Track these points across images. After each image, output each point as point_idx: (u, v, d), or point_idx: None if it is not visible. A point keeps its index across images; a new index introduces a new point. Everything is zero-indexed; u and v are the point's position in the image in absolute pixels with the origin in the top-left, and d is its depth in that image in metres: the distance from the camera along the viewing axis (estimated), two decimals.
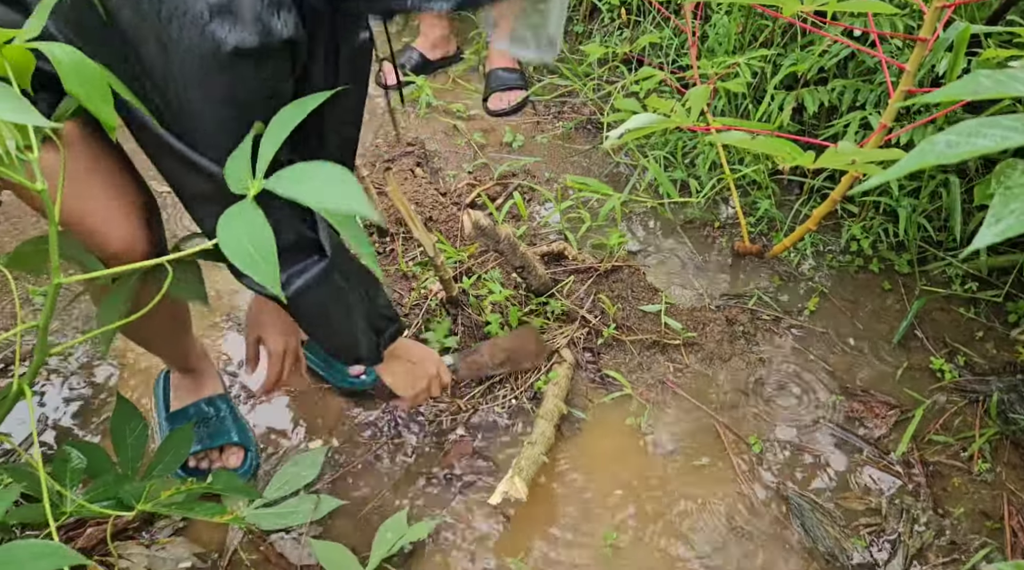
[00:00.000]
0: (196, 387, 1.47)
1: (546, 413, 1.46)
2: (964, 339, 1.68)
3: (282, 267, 0.95)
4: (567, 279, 1.73)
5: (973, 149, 0.54)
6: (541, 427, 1.43)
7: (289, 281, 0.98)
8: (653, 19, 2.26)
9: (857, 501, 1.42)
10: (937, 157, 0.54)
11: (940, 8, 1.19)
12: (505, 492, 1.29)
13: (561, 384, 1.53)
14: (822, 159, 1.20)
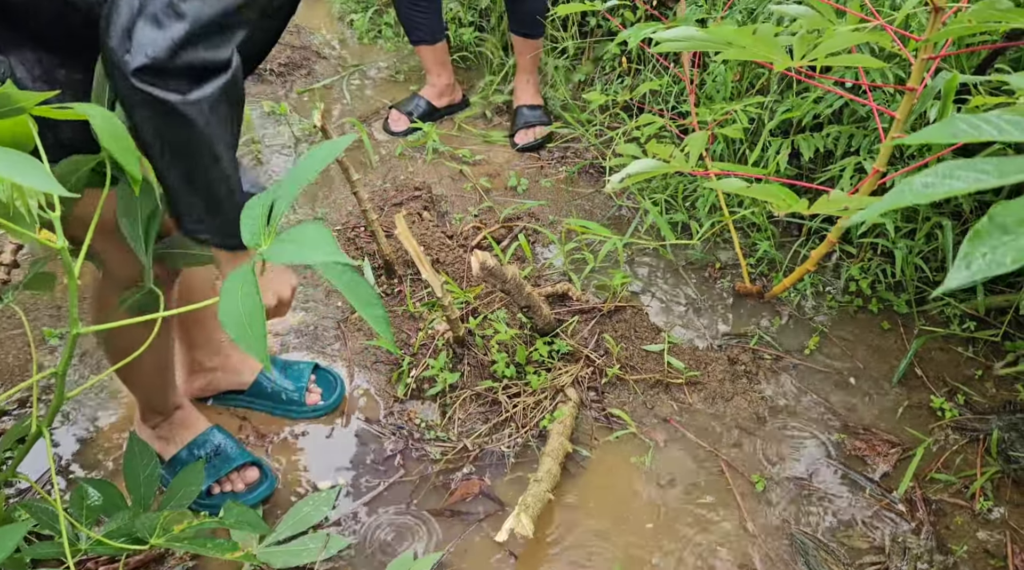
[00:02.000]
0: (185, 427, 1.49)
1: (551, 451, 1.48)
2: (963, 378, 1.70)
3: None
4: (571, 319, 1.76)
5: (948, 190, 0.57)
6: (547, 465, 1.45)
7: (191, 86, 0.85)
8: (653, 67, 2.34)
9: (861, 539, 1.42)
10: (913, 197, 0.58)
11: (926, 60, 1.24)
12: (511, 529, 1.30)
13: (566, 423, 1.55)
14: (816, 206, 1.24)
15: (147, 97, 0.82)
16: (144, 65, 0.80)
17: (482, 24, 2.81)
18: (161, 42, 0.81)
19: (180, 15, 0.81)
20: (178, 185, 0.94)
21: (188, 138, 0.87)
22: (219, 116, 0.88)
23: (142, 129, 0.87)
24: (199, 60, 0.84)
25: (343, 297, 1.87)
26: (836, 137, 1.83)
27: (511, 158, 2.36)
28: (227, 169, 0.94)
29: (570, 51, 2.54)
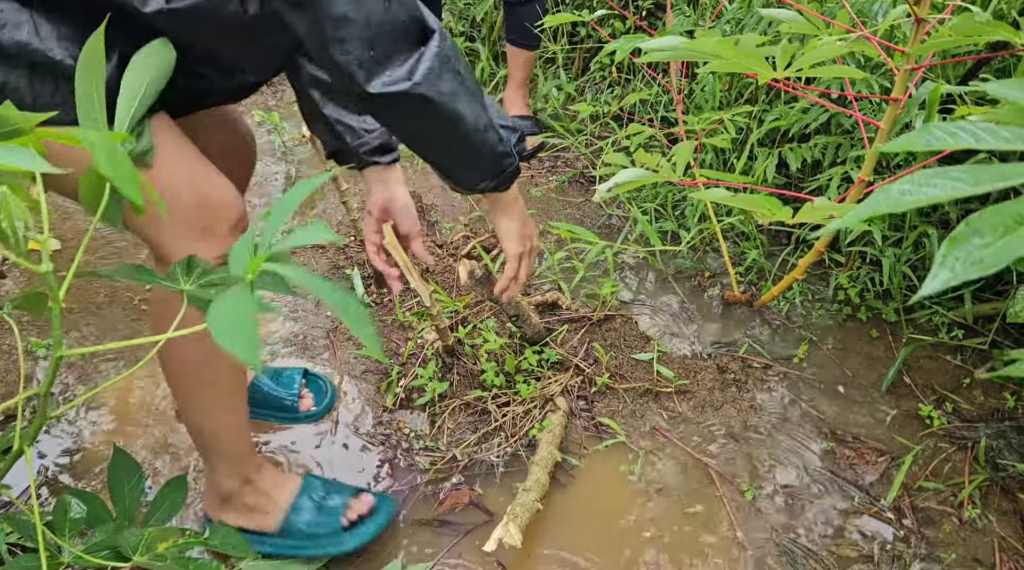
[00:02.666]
0: (279, 485, 1.34)
1: (540, 460, 1.48)
2: (952, 386, 1.70)
3: (401, 55, 0.92)
4: (561, 328, 1.76)
5: (924, 197, 0.58)
6: (535, 474, 1.44)
7: (412, 70, 0.92)
8: (642, 77, 2.35)
9: (850, 548, 1.42)
10: (890, 205, 0.58)
11: (910, 70, 1.25)
12: (500, 538, 1.30)
13: (555, 432, 1.55)
14: (800, 214, 1.25)
15: (391, 95, 0.91)
16: (379, 93, 0.92)
17: (473, 34, 2.82)
18: (397, 74, 0.92)
19: (387, 50, 0.91)
20: (443, 158, 1.05)
21: (433, 113, 0.95)
22: (446, 77, 0.94)
23: (395, 127, 0.99)
24: (405, 53, 0.93)
25: None
26: (823, 147, 1.84)
27: None
28: (475, 121, 1.00)
29: (560, 61, 2.55)
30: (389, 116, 0.98)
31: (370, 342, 0.72)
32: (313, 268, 1.98)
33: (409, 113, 0.95)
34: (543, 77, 2.53)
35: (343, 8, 0.88)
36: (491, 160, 1.07)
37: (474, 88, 1.00)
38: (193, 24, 0.95)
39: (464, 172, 1.09)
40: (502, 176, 1.11)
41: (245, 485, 1.31)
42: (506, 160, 1.10)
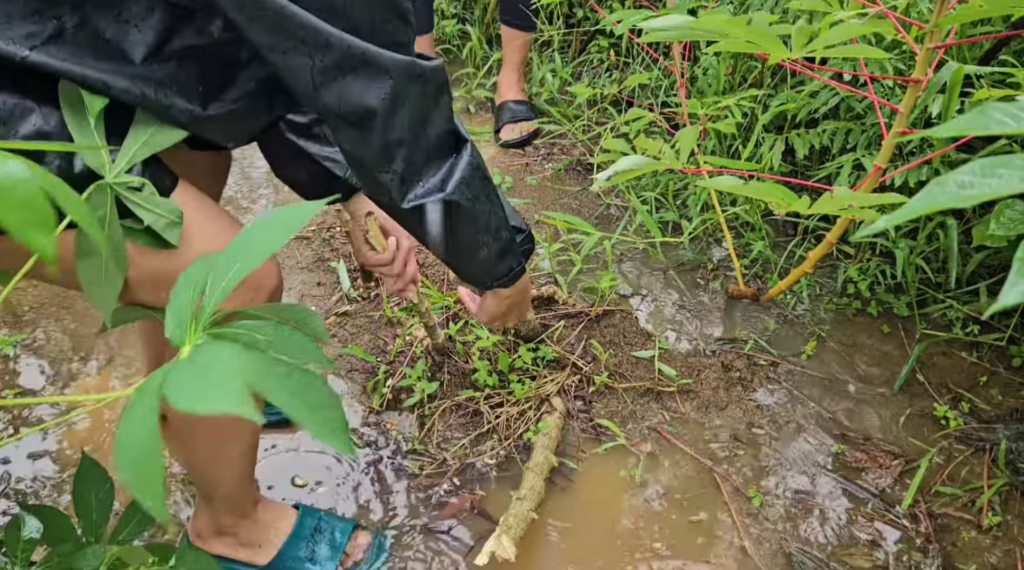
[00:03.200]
0: (275, 519, 1.28)
1: (535, 466, 1.39)
2: (968, 384, 1.62)
3: (435, 166, 0.92)
4: (557, 324, 1.67)
5: (988, 190, 0.49)
6: (530, 481, 1.36)
7: (445, 181, 0.92)
8: (642, 60, 2.25)
9: (863, 558, 1.35)
10: (949, 199, 0.50)
11: (932, 49, 1.16)
12: (492, 552, 1.22)
13: (551, 435, 1.47)
14: (818, 205, 1.16)
15: (424, 206, 0.92)
16: (412, 206, 0.92)
17: (465, 16, 2.72)
18: (430, 185, 0.93)
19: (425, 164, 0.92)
20: (460, 259, 1.06)
21: (458, 217, 0.95)
22: (475, 185, 0.96)
23: (419, 232, 0.98)
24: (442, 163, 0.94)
25: (316, 302, 1.78)
26: (832, 133, 1.75)
27: (495, 155, 2.27)
28: (490, 223, 1.02)
29: (556, 44, 2.45)
30: (415, 221, 0.97)
31: (335, 435, 0.58)
32: (297, 260, 1.89)
33: (435, 219, 0.95)
34: (538, 61, 2.42)
35: (399, 134, 0.86)
36: (498, 259, 1.09)
37: (495, 190, 1.02)
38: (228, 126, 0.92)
39: (473, 270, 1.10)
40: (507, 278, 1.14)
41: (242, 519, 1.24)
42: (512, 260, 1.12)
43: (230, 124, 0.90)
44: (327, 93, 0.81)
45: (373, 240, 1.23)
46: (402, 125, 0.85)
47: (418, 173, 0.91)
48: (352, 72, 0.80)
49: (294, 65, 0.79)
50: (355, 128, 0.84)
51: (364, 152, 0.87)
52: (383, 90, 0.82)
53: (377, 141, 0.85)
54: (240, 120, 0.91)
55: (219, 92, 0.86)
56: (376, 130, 0.84)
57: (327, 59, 0.79)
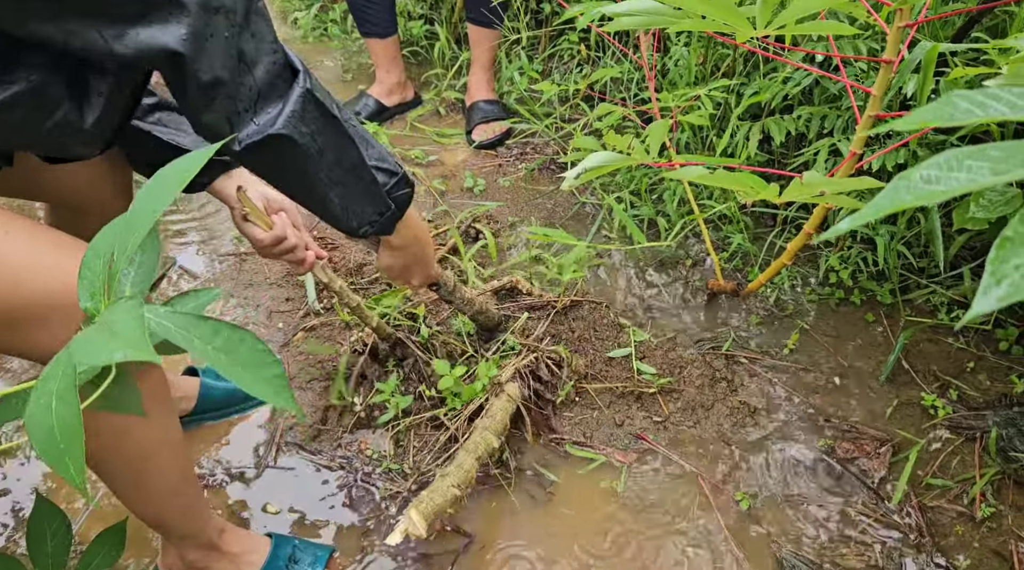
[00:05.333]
0: (246, 551, 1.23)
1: (469, 445, 1.32)
2: (955, 371, 1.59)
3: (270, 103, 0.86)
4: (520, 315, 1.61)
5: (955, 186, 0.45)
6: (460, 459, 1.29)
7: (278, 115, 0.86)
8: (613, 54, 2.21)
9: (856, 558, 1.31)
10: (914, 197, 0.45)
11: (903, 28, 1.12)
12: (405, 529, 1.16)
13: (496, 417, 1.38)
14: (788, 192, 1.12)
15: (254, 144, 0.86)
16: (245, 146, 0.87)
17: (432, 17, 2.66)
18: (264, 122, 0.87)
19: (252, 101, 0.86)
20: (314, 201, 0.97)
21: (295, 154, 0.89)
22: (309, 118, 0.89)
23: (265, 174, 0.93)
24: (269, 99, 0.87)
25: (284, 318, 1.73)
26: (808, 119, 1.71)
27: (467, 157, 2.22)
28: (342, 159, 0.95)
29: (524, 41, 2.40)
30: (257, 164, 0.91)
31: (278, 392, 0.57)
32: (266, 275, 1.84)
33: (273, 158, 0.89)
34: (507, 59, 2.37)
35: (215, 73, 0.80)
36: (363, 201, 1.01)
37: (342, 127, 0.94)
38: None
39: (335, 213, 1.00)
40: (379, 222, 1.04)
41: (210, 552, 1.19)
42: (379, 202, 1.03)
43: (34, 114, 0.84)
44: (122, 48, 0.75)
45: (254, 218, 1.16)
46: (214, 63, 0.79)
47: (249, 110, 0.85)
48: (141, 19, 0.75)
49: (83, 38, 0.75)
50: (167, 73, 0.80)
51: (184, 96, 0.82)
52: (181, 29, 0.76)
53: (192, 84, 0.79)
54: (42, 107, 0.84)
55: (4, 75, 0.80)
56: (188, 73, 0.78)
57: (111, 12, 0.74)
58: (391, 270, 1.20)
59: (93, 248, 0.56)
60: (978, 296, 0.38)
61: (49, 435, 0.44)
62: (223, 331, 0.57)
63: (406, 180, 1.05)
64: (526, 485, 1.41)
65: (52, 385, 0.46)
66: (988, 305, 0.38)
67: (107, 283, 0.52)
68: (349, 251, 1.87)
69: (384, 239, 1.12)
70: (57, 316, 0.82)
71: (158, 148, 1.11)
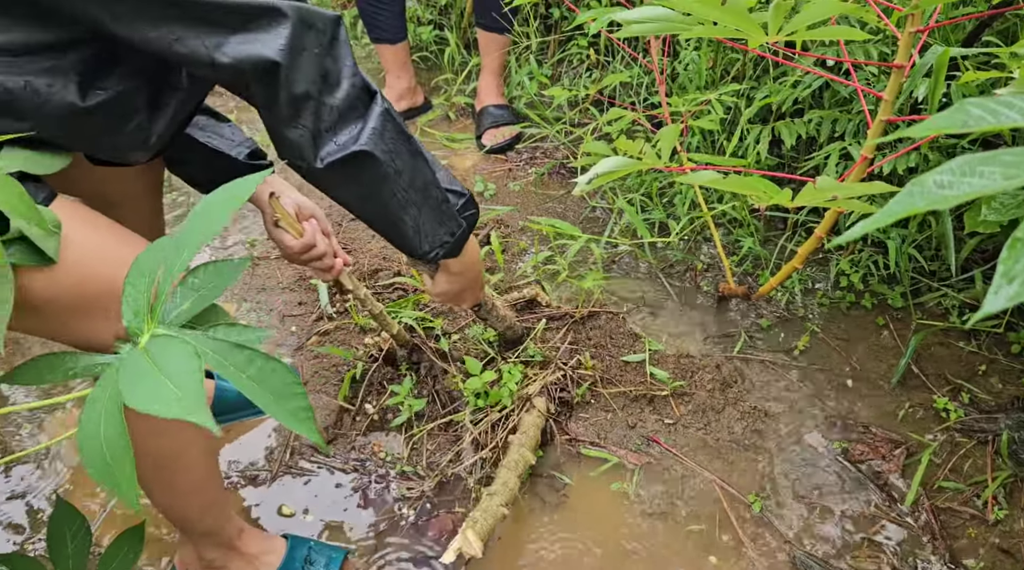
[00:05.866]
0: (263, 551, 1.25)
1: (510, 463, 1.34)
2: (967, 374, 1.59)
3: (349, 123, 0.90)
4: (539, 325, 1.63)
5: (969, 191, 0.45)
6: (503, 477, 1.31)
7: (359, 136, 0.89)
8: (622, 59, 2.22)
9: (869, 560, 1.31)
10: (928, 202, 0.46)
11: (915, 33, 1.12)
12: (458, 549, 1.17)
13: (529, 433, 1.41)
14: (801, 197, 1.12)
15: (337, 162, 0.88)
16: (328, 164, 0.90)
17: (441, 22, 2.68)
18: (344, 141, 0.90)
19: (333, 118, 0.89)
20: (387, 221, 0.99)
21: (375, 171, 0.92)
22: (388, 136, 0.92)
23: (342, 194, 0.96)
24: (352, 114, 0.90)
25: (297, 322, 1.74)
26: (818, 122, 1.72)
27: (477, 162, 2.23)
28: (415, 177, 0.97)
29: (533, 46, 2.41)
30: (337, 183, 0.93)
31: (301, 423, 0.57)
32: (279, 280, 1.85)
33: (353, 175, 0.92)
34: (516, 64, 2.39)
35: (304, 86, 0.84)
36: (434, 222, 1.03)
37: (417, 146, 0.97)
38: None
39: (407, 235, 1.03)
40: (450, 244, 1.06)
41: (228, 552, 1.20)
42: (450, 223, 1.05)
43: (113, 121, 0.87)
44: (223, 57, 0.79)
45: (285, 225, 1.17)
46: (305, 77, 0.83)
47: (331, 130, 0.88)
48: (243, 28, 0.79)
49: (187, 46, 0.78)
50: (261, 84, 0.83)
51: (272, 109, 0.85)
52: (280, 40, 0.81)
53: (284, 95, 0.83)
54: (122, 115, 0.88)
55: (98, 82, 0.84)
56: (281, 83, 0.82)
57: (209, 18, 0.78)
58: (446, 295, 1.21)
59: (137, 265, 0.58)
60: (989, 295, 0.39)
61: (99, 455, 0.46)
62: (257, 361, 0.57)
63: (472, 201, 1.08)
64: (540, 486, 1.42)
65: (100, 407, 0.47)
66: (999, 304, 0.39)
67: (151, 303, 0.54)
68: (364, 256, 1.88)
69: (444, 264, 1.13)
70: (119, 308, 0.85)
71: (191, 146, 1.15)
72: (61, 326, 0.86)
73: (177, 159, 1.20)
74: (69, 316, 0.84)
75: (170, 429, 0.99)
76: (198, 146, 1.15)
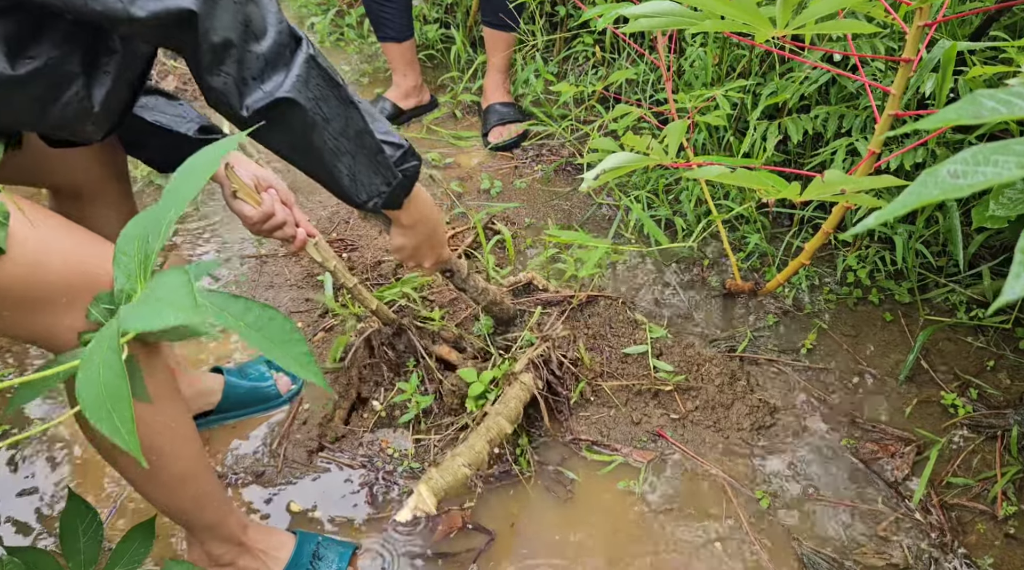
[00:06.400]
0: (271, 547, 1.25)
1: (482, 429, 1.33)
2: (975, 370, 1.58)
3: (276, 71, 0.89)
4: (535, 310, 1.62)
5: (982, 180, 0.46)
6: (471, 440, 1.30)
7: (284, 80, 0.89)
8: (628, 55, 2.22)
9: (877, 556, 1.31)
10: (941, 191, 0.46)
11: (922, 27, 1.12)
12: (415, 506, 1.17)
13: (510, 404, 1.39)
14: (809, 191, 1.12)
15: (262, 109, 0.89)
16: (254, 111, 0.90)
17: (448, 20, 2.68)
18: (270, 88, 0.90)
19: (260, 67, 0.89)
20: (322, 170, 0.99)
21: (302, 119, 0.92)
22: (313, 83, 0.92)
23: (274, 144, 0.95)
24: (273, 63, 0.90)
25: (303, 318, 1.75)
26: (825, 118, 1.71)
27: (483, 160, 2.23)
28: (347, 126, 0.97)
29: (540, 44, 2.41)
30: (266, 132, 0.93)
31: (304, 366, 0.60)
32: (286, 277, 1.86)
33: (280, 123, 0.92)
34: (522, 62, 2.39)
35: (224, 34, 0.84)
36: (369, 171, 1.02)
37: (348, 95, 0.97)
38: None
39: (343, 184, 1.02)
40: (387, 193, 1.05)
41: (235, 547, 1.21)
42: (386, 173, 1.04)
43: (49, 90, 0.87)
44: (138, 10, 0.79)
45: (243, 195, 1.18)
46: (224, 24, 0.84)
47: (257, 78, 0.88)
48: None
49: (101, 2, 0.78)
50: (180, 34, 0.83)
51: (195, 56, 0.85)
52: None
53: (204, 43, 0.84)
54: (58, 84, 0.88)
55: (26, 51, 0.84)
56: (200, 32, 0.83)
57: None
58: (403, 251, 1.21)
59: (126, 233, 0.59)
60: (1008, 282, 0.39)
61: (98, 400, 0.47)
62: (254, 309, 0.60)
63: (412, 152, 1.06)
64: (546, 483, 1.42)
65: (99, 353, 0.48)
66: (1018, 291, 0.39)
67: (143, 265, 0.55)
68: (367, 250, 1.88)
69: (395, 218, 1.14)
70: (74, 301, 0.87)
71: (142, 127, 1.17)
72: (18, 320, 0.87)
73: (132, 142, 1.23)
74: (22, 310, 0.86)
75: (145, 416, 1.00)
76: (148, 126, 1.17)
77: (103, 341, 0.49)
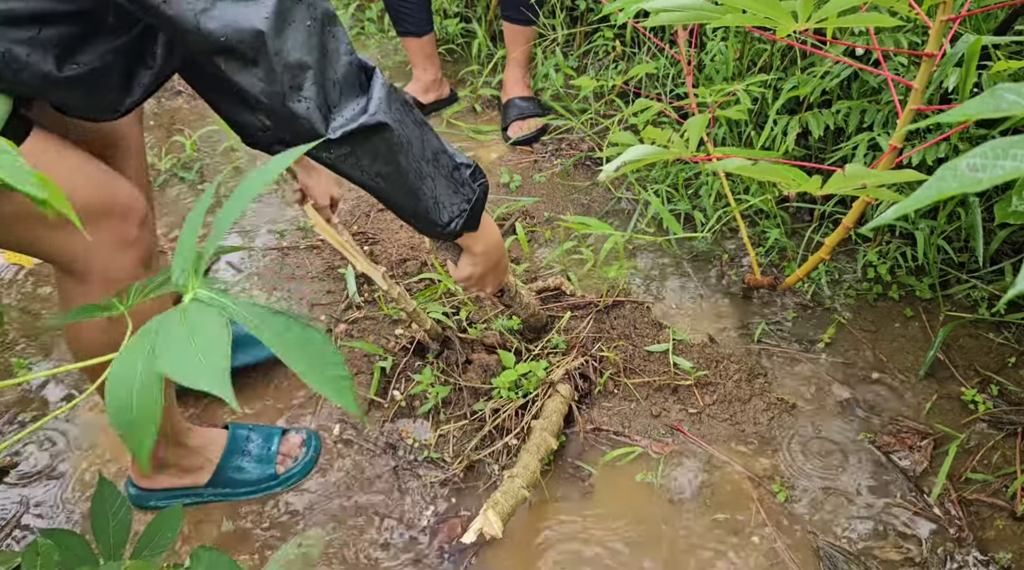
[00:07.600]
0: (208, 441, 1.39)
1: (531, 447, 1.35)
2: (996, 366, 1.58)
3: (351, 99, 0.91)
4: (564, 315, 1.64)
5: (1002, 174, 0.46)
6: (524, 460, 1.32)
7: (367, 107, 0.91)
8: (648, 50, 2.22)
9: (894, 550, 1.31)
10: (961, 185, 0.46)
11: (946, 21, 1.12)
12: (479, 529, 1.19)
13: (552, 419, 1.42)
14: (830, 184, 1.12)
15: (350, 133, 0.89)
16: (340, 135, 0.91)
17: (468, 15, 2.69)
18: (353, 113, 0.91)
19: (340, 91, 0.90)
20: (411, 195, 1.00)
21: (389, 141, 0.93)
22: (394, 107, 0.94)
23: (360, 173, 0.95)
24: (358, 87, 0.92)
25: (326, 310, 1.77)
26: (846, 113, 1.71)
27: (503, 154, 2.24)
28: (424, 147, 0.98)
29: (560, 38, 2.42)
30: (349, 159, 0.94)
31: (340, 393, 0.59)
32: (308, 269, 1.88)
33: (368, 147, 0.92)
34: (542, 56, 2.40)
35: (299, 55, 0.85)
36: (448, 191, 1.03)
37: (420, 117, 0.99)
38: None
39: (427, 206, 1.03)
40: (468, 212, 1.06)
41: (176, 449, 1.34)
42: (465, 190, 1.05)
43: (86, 94, 0.93)
44: (209, 22, 0.80)
45: (320, 229, 1.26)
46: (297, 45, 0.84)
47: (337, 106, 0.89)
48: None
49: (174, 7, 0.80)
50: (252, 60, 0.83)
51: (271, 84, 0.84)
52: (265, 9, 0.81)
53: (278, 65, 0.83)
54: (96, 91, 0.93)
55: (74, 56, 0.89)
56: (271, 52, 0.82)
57: None
58: (470, 280, 1.22)
59: (190, 223, 0.60)
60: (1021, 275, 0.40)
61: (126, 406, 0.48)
62: (294, 328, 0.59)
63: (480, 170, 1.08)
64: (565, 475, 1.43)
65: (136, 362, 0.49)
66: None
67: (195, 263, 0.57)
68: (391, 245, 1.90)
69: (468, 246, 1.14)
70: (90, 220, 0.97)
71: None
72: (40, 235, 0.98)
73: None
74: (45, 226, 0.96)
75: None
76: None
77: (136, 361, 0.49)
